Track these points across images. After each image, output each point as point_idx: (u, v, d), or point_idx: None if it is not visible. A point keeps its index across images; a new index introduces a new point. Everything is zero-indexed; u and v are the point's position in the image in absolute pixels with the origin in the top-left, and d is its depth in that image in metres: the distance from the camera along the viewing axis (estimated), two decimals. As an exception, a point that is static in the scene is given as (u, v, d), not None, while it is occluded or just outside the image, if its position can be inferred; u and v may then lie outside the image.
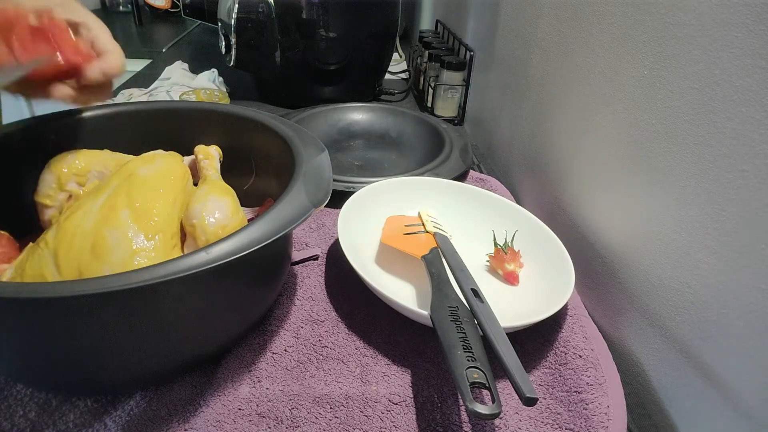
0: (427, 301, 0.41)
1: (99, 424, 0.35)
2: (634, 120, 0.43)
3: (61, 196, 0.42)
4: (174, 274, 0.28)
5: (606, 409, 0.38)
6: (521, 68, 0.69)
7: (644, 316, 0.43)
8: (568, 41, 0.55)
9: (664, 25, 0.39)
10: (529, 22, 0.67)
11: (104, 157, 0.45)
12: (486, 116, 0.86)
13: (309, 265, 0.53)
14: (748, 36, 0.32)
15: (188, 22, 1.66)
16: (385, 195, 0.58)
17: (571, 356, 0.42)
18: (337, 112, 0.85)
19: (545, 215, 0.56)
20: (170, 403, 0.37)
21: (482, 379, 0.32)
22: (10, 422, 0.35)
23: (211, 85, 0.95)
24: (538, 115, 0.64)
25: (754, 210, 0.32)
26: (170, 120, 0.52)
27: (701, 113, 0.36)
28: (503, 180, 0.72)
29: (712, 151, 0.35)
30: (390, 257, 0.52)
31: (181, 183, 0.43)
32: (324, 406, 0.38)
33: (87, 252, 0.34)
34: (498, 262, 0.51)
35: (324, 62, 0.91)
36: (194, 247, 0.38)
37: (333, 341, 0.43)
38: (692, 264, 0.37)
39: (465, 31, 0.97)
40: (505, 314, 0.38)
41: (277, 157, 0.46)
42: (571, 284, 0.44)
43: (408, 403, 0.38)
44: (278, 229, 0.33)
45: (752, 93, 0.31)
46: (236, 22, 0.85)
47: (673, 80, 0.38)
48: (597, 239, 0.50)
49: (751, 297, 0.32)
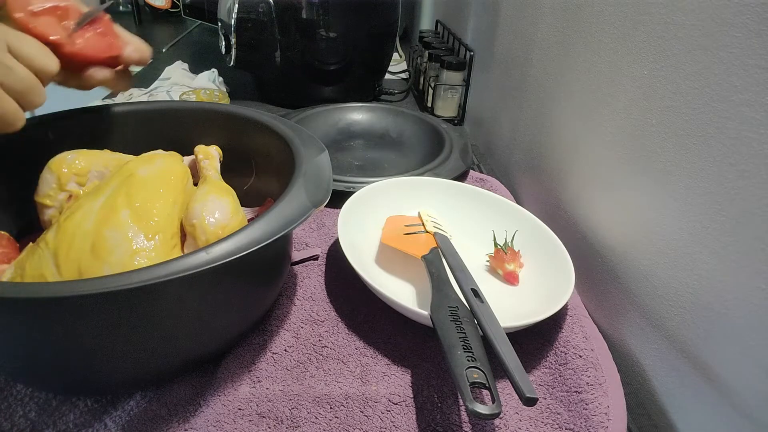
0: (427, 301, 0.41)
1: (99, 424, 0.35)
2: (634, 120, 0.43)
3: (61, 196, 0.42)
4: (174, 274, 0.28)
5: (606, 409, 0.38)
6: (521, 68, 0.69)
7: (644, 316, 0.43)
8: (568, 41, 0.55)
9: (664, 25, 0.39)
10: (529, 22, 0.67)
11: (104, 157, 0.45)
12: (486, 116, 0.86)
13: (309, 265, 0.53)
14: (748, 36, 0.32)
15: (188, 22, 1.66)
16: (385, 195, 0.58)
17: (571, 356, 0.42)
18: (337, 112, 0.85)
19: (545, 215, 0.56)
20: (170, 403, 0.37)
21: (482, 379, 0.32)
22: (10, 422, 0.35)
23: (211, 85, 0.95)
24: (538, 115, 0.64)
25: (754, 210, 0.32)
26: (170, 120, 0.52)
27: (701, 113, 0.36)
28: (503, 180, 0.72)
29: (712, 151, 0.35)
30: (390, 257, 0.52)
31: (181, 183, 0.43)
32: (324, 406, 0.38)
33: (87, 252, 0.34)
34: (498, 262, 0.51)
35: (324, 62, 0.91)
36: (194, 247, 0.38)
37: (333, 341, 0.43)
38: (692, 264, 0.37)
39: (465, 31, 0.97)
40: (505, 314, 0.38)
41: (277, 157, 0.46)
42: (571, 284, 0.44)
43: (408, 403, 0.38)
44: (278, 229, 0.33)
45: (752, 93, 0.31)
46: (236, 22, 0.85)
47: (673, 80, 0.38)
48: (597, 239, 0.50)
49: (751, 297, 0.32)
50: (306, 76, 0.92)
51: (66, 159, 0.42)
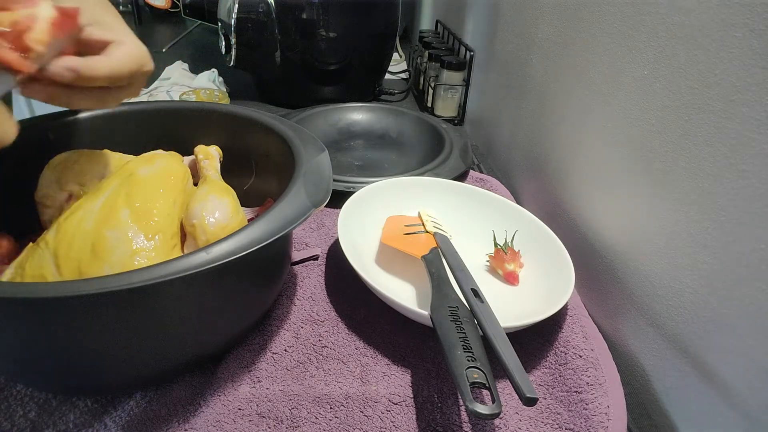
0: (427, 301, 0.41)
1: (99, 424, 0.35)
2: (634, 120, 0.43)
3: (61, 196, 0.42)
4: (174, 274, 0.28)
5: (606, 409, 0.38)
6: (521, 68, 0.69)
7: (644, 316, 0.43)
8: (568, 41, 0.55)
9: (664, 25, 0.39)
10: (529, 22, 0.67)
11: (104, 157, 0.45)
12: (486, 116, 0.86)
13: (309, 265, 0.53)
14: (748, 36, 0.32)
15: (188, 22, 1.66)
16: (385, 195, 0.58)
17: (571, 356, 0.42)
18: (337, 112, 0.85)
19: (545, 215, 0.56)
20: (170, 403, 0.37)
21: (482, 379, 0.32)
22: (10, 422, 0.35)
23: (211, 85, 0.95)
24: (538, 115, 0.64)
25: (754, 210, 0.32)
26: (170, 120, 0.52)
27: (701, 113, 0.36)
28: (503, 180, 0.72)
29: (712, 151, 0.35)
30: (390, 257, 0.52)
31: (181, 183, 0.43)
32: (324, 406, 0.38)
33: (87, 252, 0.34)
34: (498, 262, 0.51)
35: (324, 62, 0.91)
36: (194, 247, 0.38)
37: (333, 341, 0.43)
38: (692, 264, 0.37)
39: (465, 31, 0.97)
40: (505, 314, 0.38)
41: (277, 157, 0.46)
42: (571, 284, 0.44)
43: (408, 403, 0.38)
44: (278, 229, 0.33)
45: (752, 93, 0.31)
46: (236, 22, 0.85)
47: (673, 80, 0.38)
48: (597, 239, 0.50)
49: (751, 297, 0.32)
50: (306, 76, 0.92)
51: (66, 159, 0.42)
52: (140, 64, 0.37)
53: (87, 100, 0.35)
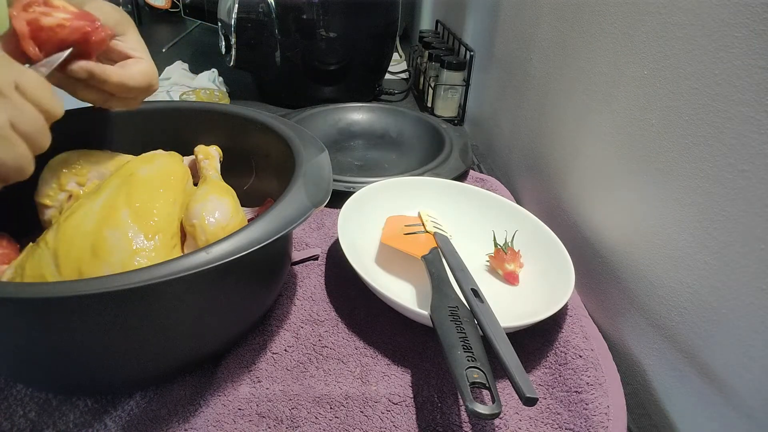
0: (427, 301, 0.41)
1: (99, 424, 0.35)
2: (634, 120, 0.43)
3: (61, 196, 0.42)
4: (174, 274, 0.28)
5: (606, 409, 0.38)
6: (521, 68, 0.69)
7: (644, 316, 0.43)
8: (568, 41, 0.55)
9: (664, 25, 0.39)
10: (529, 22, 0.67)
11: (104, 157, 0.45)
12: (486, 116, 0.86)
13: (309, 265, 0.53)
14: (748, 36, 0.32)
15: (188, 22, 1.66)
16: (385, 195, 0.58)
17: (571, 356, 0.42)
18: (337, 112, 0.85)
19: (545, 215, 0.56)
20: (170, 403, 0.37)
21: (482, 379, 0.32)
22: (10, 422, 0.35)
23: (211, 85, 0.95)
24: (538, 115, 0.64)
25: (754, 210, 0.32)
26: (170, 120, 0.52)
27: (701, 113, 0.36)
28: (503, 180, 0.72)
29: (712, 151, 0.35)
30: (390, 257, 0.52)
31: (181, 183, 0.43)
32: (324, 406, 0.38)
33: (87, 252, 0.34)
34: (498, 262, 0.51)
35: (324, 62, 0.91)
36: (194, 247, 0.38)
37: (333, 341, 0.43)
38: (692, 264, 0.37)
39: (465, 31, 0.97)
40: (505, 314, 0.38)
41: (277, 157, 0.46)
42: (571, 284, 0.44)
43: (408, 403, 0.38)
44: (278, 229, 0.33)
45: (752, 93, 0.31)
46: (236, 22, 0.85)
47: (673, 80, 0.38)
48: (597, 239, 0.50)
49: (751, 297, 0.32)
50: (306, 76, 0.92)
51: (66, 159, 0.42)
52: (149, 83, 0.42)
53: (91, 95, 0.40)
